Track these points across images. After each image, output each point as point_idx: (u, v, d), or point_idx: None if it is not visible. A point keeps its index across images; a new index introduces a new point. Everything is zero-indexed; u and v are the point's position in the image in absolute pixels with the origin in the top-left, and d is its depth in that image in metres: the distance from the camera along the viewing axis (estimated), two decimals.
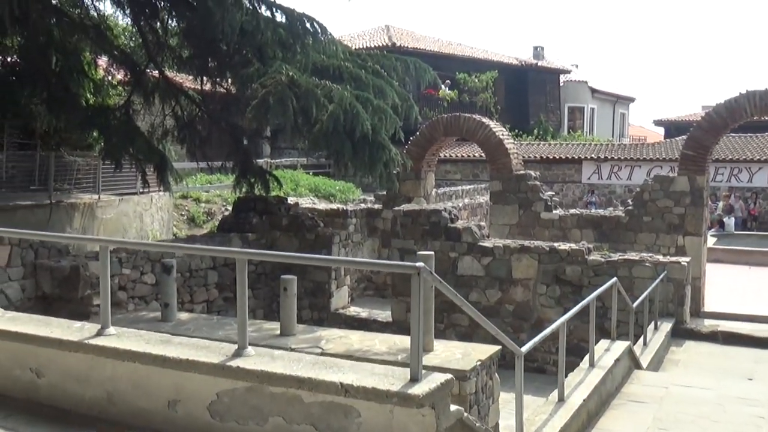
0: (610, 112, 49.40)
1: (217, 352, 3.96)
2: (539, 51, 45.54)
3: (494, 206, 16.21)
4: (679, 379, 9.05)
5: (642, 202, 14.79)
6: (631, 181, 29.19)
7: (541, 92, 41.98)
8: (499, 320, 12.65)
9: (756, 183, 28.73)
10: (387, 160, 13.16)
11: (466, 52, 38.71)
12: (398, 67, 14.89)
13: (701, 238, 14.32)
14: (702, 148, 14.22)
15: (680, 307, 12.43)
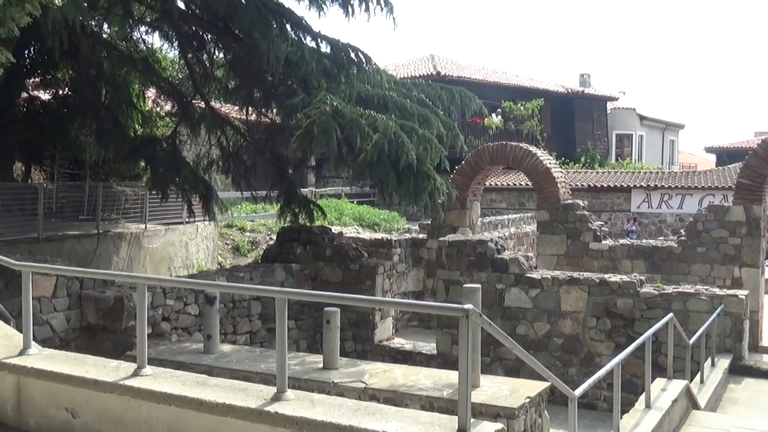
0: (659, 139, 48.60)
1: (255, 395, 3.79)
2: (586, 78, 45.12)
3: (541, 236, 15.91)
4: (740, 421, 8.63)
5: (695, 232, 14.38)
6: (682, 209, 28.54)
7: (587, 120, 41.51)
8: (547, 354, 12.32)
9: None
10: (432, 189, 13.01)
11: (511, 80, 38.53)
12: (443, 96, 14.79)
13: (759, 270, 13.84)
14: (759, 177, 13.79)
15: (738, 342, 11.95)
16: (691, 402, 8.61)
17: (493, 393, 7.91)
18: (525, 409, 7.77)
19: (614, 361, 6.40)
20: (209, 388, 3.96)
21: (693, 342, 9.93)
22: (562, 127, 39.62)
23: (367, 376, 8.54)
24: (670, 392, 7.94)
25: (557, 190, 15.66)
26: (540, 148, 20.83)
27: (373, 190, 24.55)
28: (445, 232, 15.46)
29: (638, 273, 13.69)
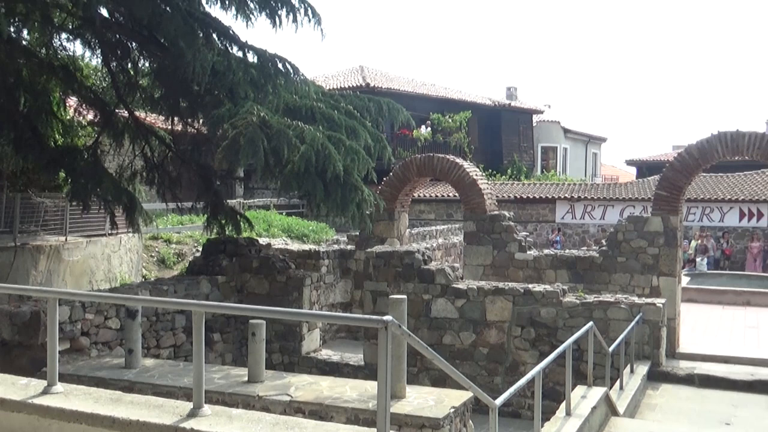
0: (583, 151, 49.82)
1: (171, 411, 3.71)
2: (512, 92, 45.94)
3: (468, 247, 16.08)
4: (656, 426, 8.87)
5: (616, 242, 14.73)
6: (604, 220, 29.30)
7: (514, 132, 42.26)
8: (473, 363, 12.46)
9: (727, 222, 28.95)
10: (360, 200, 13.04)
11: (440, 92, 38.94)
12: (371, 108, 14.83)
13: (676, 279, 14.26)
14: (675, 189, 14.23)
15: (656, 349, 12.29)
16: (610, 408, 8.81)
17: (419, 404, 7.96)
18: (450, 419, 7.83)
19: (535, 369, 6.51)
20: (123, 405, 3.85)
21: (613, 349, 10.17)
22: (489, 139, 40.23)
23: (292, 389, 8.48)
24: (590, 399, 8.11)
25: (483, 201, 15.86)
26: (467, 160, 21.08)
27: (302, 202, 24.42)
28: (374, 243, 15.49)
29: (562, 282, 13.98)
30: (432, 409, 7.84)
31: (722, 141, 13.77)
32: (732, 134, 13.74)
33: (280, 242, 21.48)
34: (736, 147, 13.74)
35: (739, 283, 22.93)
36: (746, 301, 20.13)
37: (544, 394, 10.48)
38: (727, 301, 20.15)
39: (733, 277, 24.71)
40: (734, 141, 13.71)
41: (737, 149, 13.78)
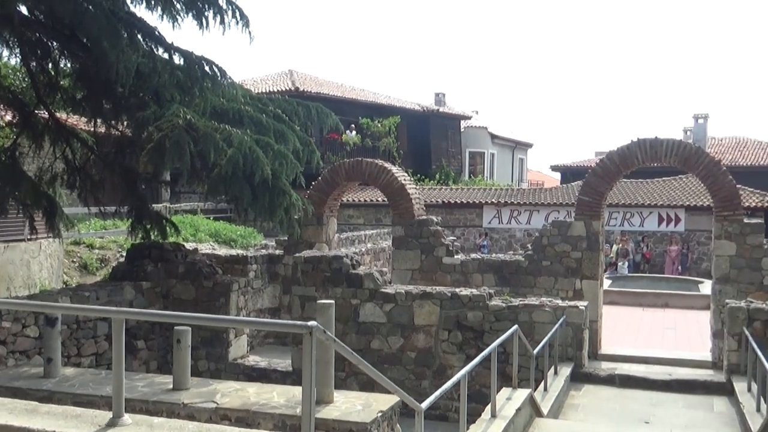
0: (510, 157, 50.66)
1: (89, 421, 3.63)
2: (441, 97, 46.40)
3: (396, 251, 16.17)
4: (579, 426, 9.08)
5: (541, 246, 15.02)
6: (530, 225, 29.87)
7: (442, 138, 42.68)
8: (401, 367, 12.52)
9: (647, 227, 29.86)
10: (288, 205, 12.95)
11: (369, 97, 39.07)
12: (300, 112, 14.76)
13: (597, 282, 14.63)
14: (597, 194, 14.60)
15: (579, 351, 12.59)
16: (534, 409, 8.98)
17: (346, 408, 7.94)
18: (377, 423, 7.84)
19: (461, 373, 6.59)
20: (39, 415, 3.74)
21: (537, 352, 10.37)
22: (417, 144, 40.54)
23: (218, 396, 8.36)
24: (515, 401, 8.25)
25: (412, 206, 15.98)
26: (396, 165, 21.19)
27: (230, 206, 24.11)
28: (302, 248, 15.42)
29: (488, 286, 14.19)
30: (360, 413, 7.83)
31: (642, 148, 14.21)
32: (651, 141, 14.19)
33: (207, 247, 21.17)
34: (655, 153, 14.19)
35: (658, 285, 23.70)
36: (665, 303, 20.82)
37: (471, 397, 10.62)
38: (647, 303, 20.81)
39: (652, 279, 25.51)
40: (653, 148, 14.16)
41: (656, 156, 14.23)
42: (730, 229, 13.66)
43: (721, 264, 13.73)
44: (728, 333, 11.65)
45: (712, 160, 14.18)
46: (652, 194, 30.87)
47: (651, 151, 14.18)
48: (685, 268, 28.04)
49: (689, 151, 14.19)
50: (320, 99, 28.01)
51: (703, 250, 27.83)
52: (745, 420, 9.74)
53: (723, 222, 13.72)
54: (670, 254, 28.14)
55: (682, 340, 15.91)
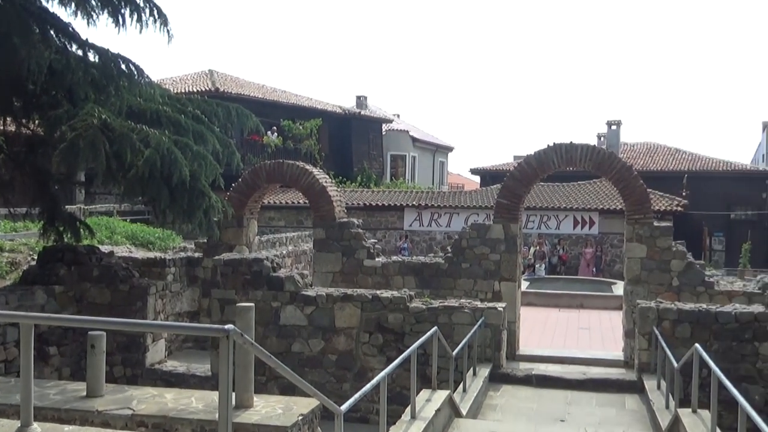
0: (431, 160, 51.17)
1: None
2: (362, 100, 46.54)
3: (318, 254, 16.12)
4: (497, 425, 9.23)
5: (460, 249, 15.20)
6: (450, 227, 30.23)
7: (364, 140, 42.81)
8: (322, 370, 12.49)
9: (563, 230, 30.62)
10: (207, 207, 12.78)
11: (290, 99, 38.85)
12: (220, 113, 14.59)
13: (516, 284, 14.90)
14: (515, 197, 14.87)
15: (497, 351, 12.80)
16: (453, 410, 9.09)
17: (266, 413, 7.86)
18: (298, 426, 7.79)
19: (380, 375, 6.61)
20: None
21: (456, 353, 10.50)
22: (339, 146, 40.55)
23: (134, 402, 8.16)
24: (434, 402, 8.33)
25: (333, 208, 15.96)
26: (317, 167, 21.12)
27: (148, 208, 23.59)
28: (222, 250, 15.21)
29: (409, 288, 14.26)
30: (280, 417, 7.76)
31: (557, 152, 14.56)
32: (566, 146, 14.55)
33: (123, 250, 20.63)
34: (570, 158, 14.56)
35: (573, 287, 24.34)
36: (580, 304, 21.39)
37: (392, 399, 10.67)
38: (563, 305, 21.33)
39: (568, 281, 26.19)
40: (568, 152, 14.53)
41: (571, 160, 14.60)
42: (640, 232, 14.11)
43: (632, 266, 14.17)
44: (639, 332, 12.03)
45: (624, 165, 14.64)
46: (568, 198, 31.67)
47: (566, 156, 14.55)
48: (599, 270, 28.87)
49: (602, 156, 14.62)
50: (241, 100, 27.73)
51: (617, 253, 28.70)
52: (655, 416, 10.09)
53: (634, 225, 14.17)
54: (585, 256, 28.93)
55: (596, 340, 16.37)
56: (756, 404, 10.57)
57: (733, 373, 10.71)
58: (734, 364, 10.97)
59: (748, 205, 38.51)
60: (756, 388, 10.96)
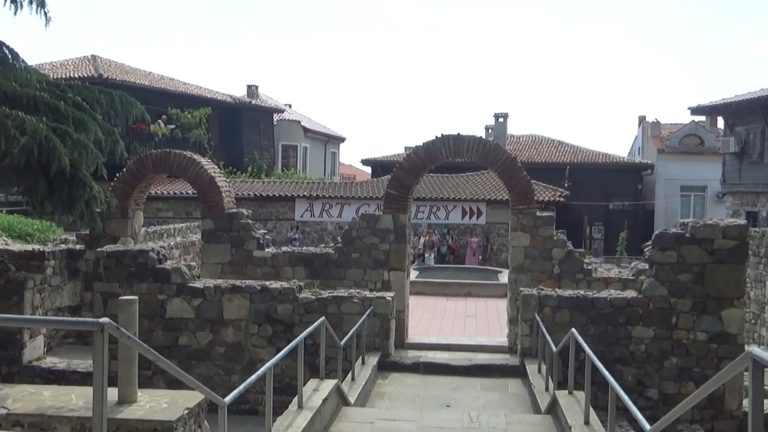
0: (322, 151, 51.10)
1: None
2: (253, 90, 45.94)
3: (206, 245, 15.86)
4: (384, 413, 9.37)
5: (350, 239, 15.28)
6: (341, 218, 30.34)
7: (255, 130, 42.31)
8: (210, 363, 12.34)
9: (451, 220, 31.27)
10: (89, 197, 12.38)
11: (179, 87, 37.92)
12: (102, 100, 14.12)
13: (404, 273, 15.12)
14: (404, 188, 15.08)
15: (386, 340, 12.98)
16: (341, 399, 9.17)
17: (151, 407, 7.69)
18: (184, 420, 7.67)
19: (266, 366, 6.61)
20: None
21: (345, 342, 10.59)
22: (230, 136, 39.93)
23: (10, 401, 7.82)
24: (322, 392, 8.39)
25: (222, 199, 15.74)
26: (207, 157, 20.76)
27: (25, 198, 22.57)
28: (105, 242, 14.75)
29: (299, 279, 14.24)
30: (165, 412, 7.62)
31: (445, 144, 14.85)
32: (454, 137, 14.86)
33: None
34: (458, 149, 14.88)
35: (461, 275, 24.90)
36: (467, 293, 21.92)
37: (282, 390, 10.67)
38: (451, 293, 21.80)
39: (456, 270, 26.76)
40: (456, 144, 14.84)
41: (458, 152, 14.92)
42: (524, 222, 14.59)
43: (516, 254, 14.64)
44: (522, 319, 12.45)
45: (509, 157, 15.08)
46: (456, 188, 32.35)
47: (454, 147, 14.86)
48: (485, 259, 29.65)
49: (488, 148, 15.01)
50: (126, 87, 26.87)
51: (503, 242, 29.52)
52: (536, 399, 10.49)
53: (518, 215, 14.63)
54: (471, 245, 29.64)
55: (483, 327, 16.83)
56: (628, 384, 11.19)
57: (608, 355, 11.29)
58: (609, 347, 11.52)
59: (625, 196, 40.38)
60: (629, 369, 11.55)
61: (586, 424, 7.85)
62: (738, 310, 11.53)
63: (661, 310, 11.58)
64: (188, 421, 7.81)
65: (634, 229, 36.36)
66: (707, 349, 11.46)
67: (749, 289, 19.16)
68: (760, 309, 18.07)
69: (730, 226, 11.54)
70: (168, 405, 7.82)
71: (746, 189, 32.24)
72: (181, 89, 37.57)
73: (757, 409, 3.62)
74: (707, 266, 11.44)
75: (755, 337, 18.13)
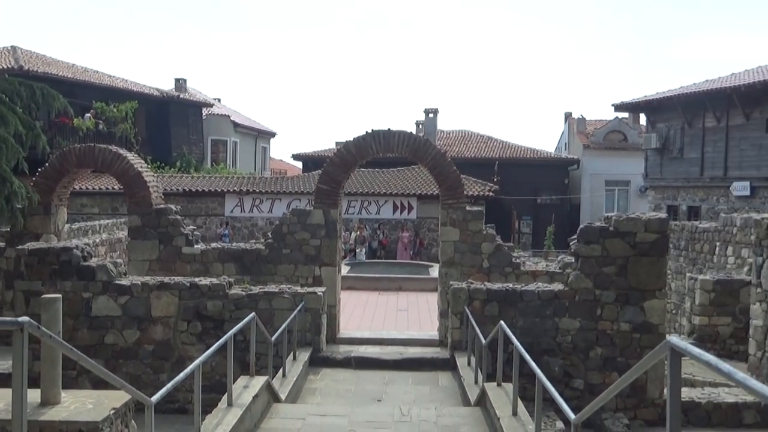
0: (253, 145, 50.62)
1: None
2: (182, 83, 45.18)
3: (133, 242, 15.54)
4: (315, 408, 9.36)
5: (281, 234, 15.19)
6: (272, 213, 30.15)
7: (183, 125, 41.62)
8: (138, 362, 12.12)
9: (383, 215, 31.39)
10: (9, 193, 12.04)
11: (104, 80, 36.96)
12: (23, 93, 13.72)
13: (336, 268, 15.11)
14: (335, 183, 15.06)
15: (317, 335, 12.96)
16: (272, 395, 9.12)
17: (75, 408, 7.51)
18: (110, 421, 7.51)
19: (195, 363, 6.52)
20: None
21: (276, 338, 10.53)
22: (157, 131, 39.18)
23: None
24: (252, 389, 8.32)
25: (149, 194, 15.44)
26: (133, 152, 20.32)
27: None
28: (27, 239, 14.30)
29: (229, 275, 14.10)
30: (90, 412, 7.45)
31: (376, 139, 14.89)
32: (384, 133, 14.91)
33: None
34: (388, 144, 14.94)
35: (393, 270, 25.04)
36: (399, 287, 22.05)
37: (212, 388, 10.55)
38: (382, 288, 21.91)
39: (388, 265, 26.89)
40: (386, 139, 14.90)
41: (389, 147, 14.99)
42: (454, 216, 14.74)
43: (446, 249, 14.78)
44: (452, 312, 12.58)
45: (438, 152, 15.22)
46: (387, 183, 32.48)
47: (384, 143, 14.91)
48: (416, 253, 29.87)
49: (418, 143, 15.12)
50: (49, 80, 26.07)
51: (433, 236, 29.78)
52: (465, 392, 10.62)
53: (448, 209, 14.78)
54: (402, 240, 29.82)
55: (414, 321, 16.96)
56: (555, 375, 11.44)
57: (536, 347, 11.51)
58: (537, 339, 11.74)
59: (553, 191, 41.24)
60: (556, 360, 11.79)
61: (514, 415, 7.99)
62: (659, 301, 11.89)
63: (586, 302, 11.85)
64: (115, 421, 7.65)
65: (561, 222, 37.16)
66: (630, 339, 11.78)
67: (670, 281, 19.81)
68: (680, 300, 18.67)
69: (652, 219, 11.89)
70: (93, 405, 7.65)
71: (667, 183, 33.31)
72: (106, 82, 36.65)
73: (674, 396, 3.74)
74: (630, 259, 11.75)
75: (676, 326, 18.72)
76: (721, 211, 27.07)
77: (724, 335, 15.56)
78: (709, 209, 29.72)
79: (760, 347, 12.10)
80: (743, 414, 11.68)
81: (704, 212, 29.90)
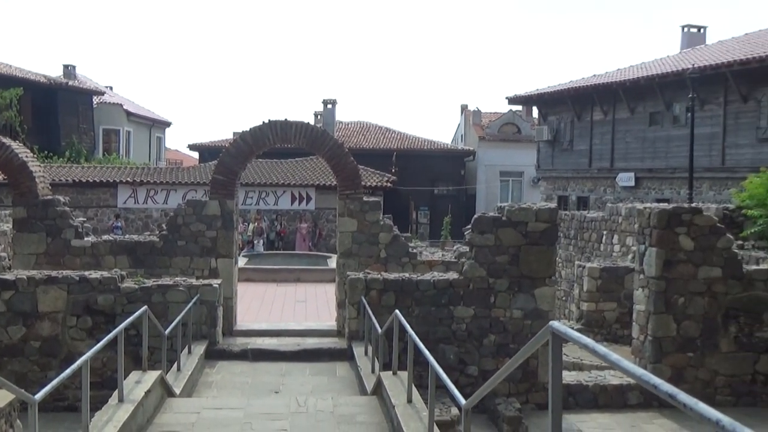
0: (147, 135, 49.31)
1: None
2: (71, 70, 43.48)
3: (18, 234, 14.89)
4: (211, 402, 9.25)
5: (176, 226, 14.87)
6: (167, 204, 29.49)
7: (73, 113, 40.10)
8: (24, 359, 11.69)
9: (281, 205, 31.21)
10: None
11: None
12: None
13: (232, 260, 14.92)
14: (231, 173, 14.85)
15: (213, 328, 12.78)
16: (166, 390, 8.96)
17: None
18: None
19: (82, 359, 6.34)
20: None
21: (169, 332, 10.33)
22: (45, 119, 37.64)
23: None
24: (145, 384, 8.16)
25: (35, 185, 14.81)
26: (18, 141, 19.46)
27: None
28: None
29: (122, 268, 13.70)
30: None
31: (273, 129, 14.77)
32: (281, 123, 14.81)
33: None
34: (285, 135, 14.85)
35: (291, 261, 24.95)
36: (297, 278, 22.00)
37: (104, 384, 10.29)
38: (281, 279, 21.80)
39: (286, 256, 26.78)
40: (283, 130, 14.80)
41: (286, 137, 14.89)
42: (351, 207, 14.79)
43: (344, 239, 14.83)
44: (349, 302, 12.65)
45: (336, 143, 15.23)
46: (285, 174, 32.29)
47: (281, 133, 14.80)
48: (315, 244, 29.85)
49: (315, 134, 15.08)
50: None
51: (332, 227, 29.82)
52: (362, 381, 10.72)
53: (346, 200, 14.82)
54: (300, 231, 29.74)
55: (312, 312, 16.96)
56: (450, 363, 11.70)
57: (432, 335, 11.74)
58: (433, 327, 11.97)
59: (450, 182, 41.98)
60: (451, 348, 12.05)
61: (409, 403, 8.12)
62: (549, 288, 12.31)
63: (480, 290, 12.15)
64: None
65: (457, 213, 37.88)
66: (522, 326, 12.16)
67: (560, 269, 20.53)
68: (570, 287, 19.37)
69: (542, 209, 12.28)
70: None
71: (558, 174, 34.46)
72: None
73: (556, 378, 3.90)
74: (522, 248, 12.11)
75: (566, 312, 19.42)
76: (607, 201, 28.24)
77: (610, 320, 16.23)
78: (597, 199, 30.94)
79: (643, 331, 12.70)
80: (627, 395, 12.26)
81: (592, 202, 31.11)
